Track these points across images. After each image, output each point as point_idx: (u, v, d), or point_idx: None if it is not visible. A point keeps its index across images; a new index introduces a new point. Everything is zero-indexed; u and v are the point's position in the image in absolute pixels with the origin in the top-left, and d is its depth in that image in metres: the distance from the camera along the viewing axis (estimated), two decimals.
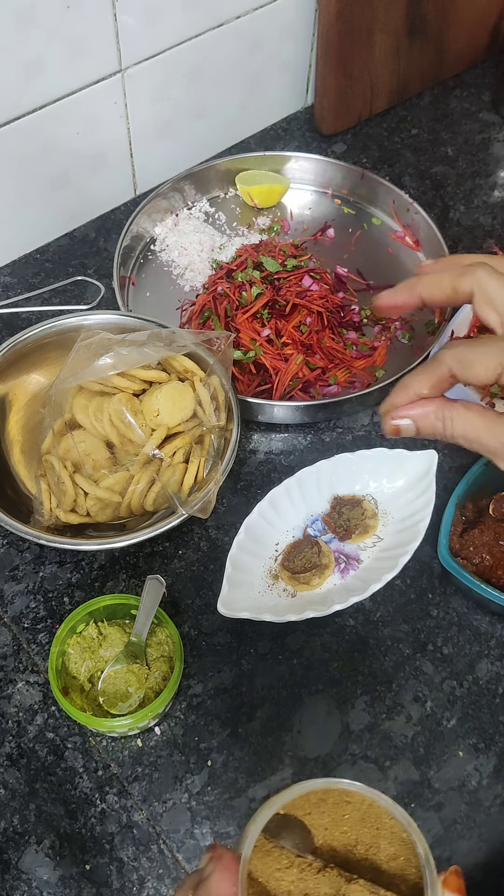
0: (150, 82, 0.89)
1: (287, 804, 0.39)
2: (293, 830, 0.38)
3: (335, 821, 0.39)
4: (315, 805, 0.39)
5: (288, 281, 0.85)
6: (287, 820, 0.39)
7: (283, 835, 0.38)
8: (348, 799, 0.39)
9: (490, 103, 1.11)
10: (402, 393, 0.47)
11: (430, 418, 0.46)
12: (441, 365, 0.46)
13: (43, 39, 0.77)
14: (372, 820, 0.39)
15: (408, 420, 0.47)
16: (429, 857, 0.37)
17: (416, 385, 0.47)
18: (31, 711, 0.66)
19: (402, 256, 0.95)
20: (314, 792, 0.40)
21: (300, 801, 0.39)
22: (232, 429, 0.73)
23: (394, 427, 0.48)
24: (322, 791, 0.40)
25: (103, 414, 0.70)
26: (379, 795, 0.39)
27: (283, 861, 0.37)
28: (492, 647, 0.70)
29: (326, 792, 0.40)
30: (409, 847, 0.37)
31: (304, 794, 0.39)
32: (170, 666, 0.66)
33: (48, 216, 0.93)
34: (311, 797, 0.39)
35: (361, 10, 0.94)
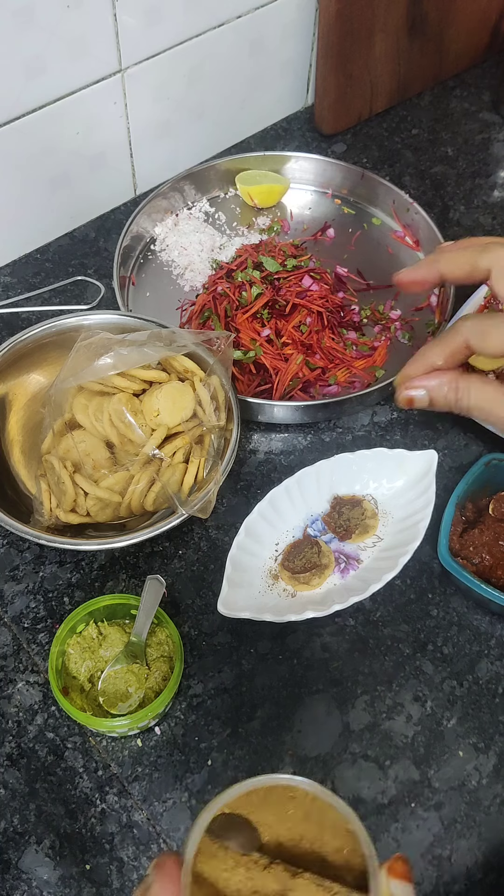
0: (150, 82, 0.89)
1: (230, 803, 0.39)
2: (239, 830, 0.38)
3: (280, 817, 0.39)
4: (259, 803, 0.39)
5: (288, 281, 0.85)
6: (232, 819, 0.38)
7: (228, 835, 0.38)
8: (292, 794, 0.39)
9: (490, 103, 1.11)
10: (417, 363, 0.48)
11: (444, 389, 0.47)
12: (458, 334, 0.46)
13: (43, 39, 0.77)
14: (316, 814, 0.39)
15: (422, 391, 0.47)
16: (370, 846, 0.37)
17: (431, 355, 0.47)
18: (31, 711, 0.67)
19: (402, 256, 0.95)
20: (257, 790, 0.39)
21: (244, 800, 0.39)
22: (232, 429, 0.73)
23: (407, 398, 0.48)
24: (265, 788, 0.39)
25: (103, 414, 0.70)
26: (321, 790, 0.39)
27: (229, 861, 0.37)
28: (492, 647, 0.70)
29: (270, 789, 0.39)
30: (353, 838, 0.37)
31: (247, 792, 0.39)
32: (170, 666, 0.66)
33: (48, 216, 0.93)
34: (254, 795, 0.39)
35: (361, 10, 0.94)
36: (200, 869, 0.37)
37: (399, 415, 0.83)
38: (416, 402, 0.48)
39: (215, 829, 0.38)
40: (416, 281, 0.50)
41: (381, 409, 0.84)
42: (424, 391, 0.47)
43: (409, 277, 0.50)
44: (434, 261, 0.49)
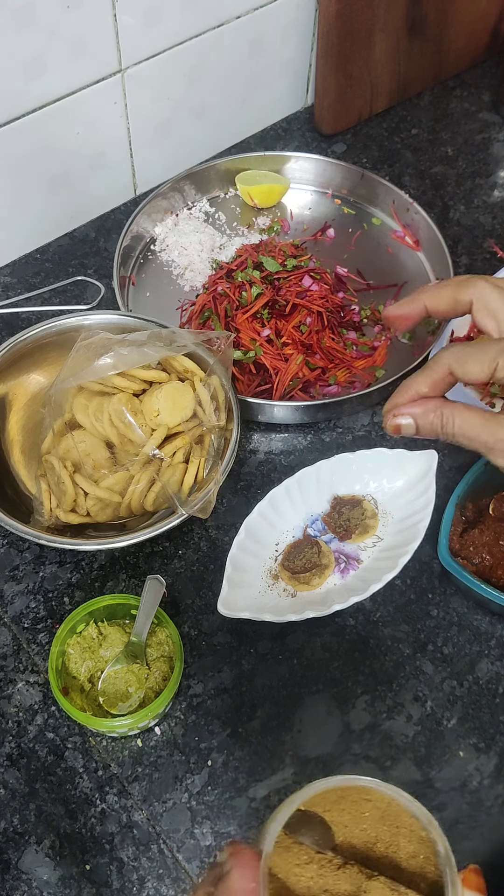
0: (150, 82, 0.89)
1: (307, 801, 0.39)
2: (313, 827, 0.38)
3: (355, 818, 0.39)
4: (335, 802, 0.39)
5: (288, 281, 0.84)
6: (307, 817, 0.39)
7: (303, 831, 0.38)
8: (368, 797, 0.40)
9: (490, 103, 1.11)
10: (404, 393, 0.50)
11: (430, 416, 0.48)
12: (440, 364, 0.48)
13: (43, 39, 0.77)
14: (392, 818, 0.39)
15: (408, 418, 0.49)
16: (449, 855, 0.37)
17: (416, 384, 0.49)
18: (31, 711, 0.66)
19: (402, 256, 0.95)
20: (334, 789, 0.40)
21: (320, 799, 0.39)
22: (232, 429, 0.73)
23: (395, 425, 0.50)
24: (342, 788, 0.40)
25: (103, 414, 0.70)
26: (399, 793, 0.39)
27: (302, 857, 0.37)
28: (492, 647, 0.70)
29: (346, 789, 0.40)
30: (428, 845, 0.38)
31: (324, 791, 0.39)
32: (170, 666, 0.66)
33: (48, 216, 0.93)
34: (330, 795, 0.39)
35: (361, 10, 0.94)
36: (273, 861, 0.37)
37: None
38: (404, 429, 0.50)
39: (292, 824, 0.38)
40: (402, 316, 0.53)
41: (381, 409, 0.83)
42: (410, 419, 0.49)
43: (396, 313, 0.53)
44: (418, 295, 0.52)
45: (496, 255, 0.96)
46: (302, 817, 0.39)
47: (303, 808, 0.39)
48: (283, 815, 0.38)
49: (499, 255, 0.96)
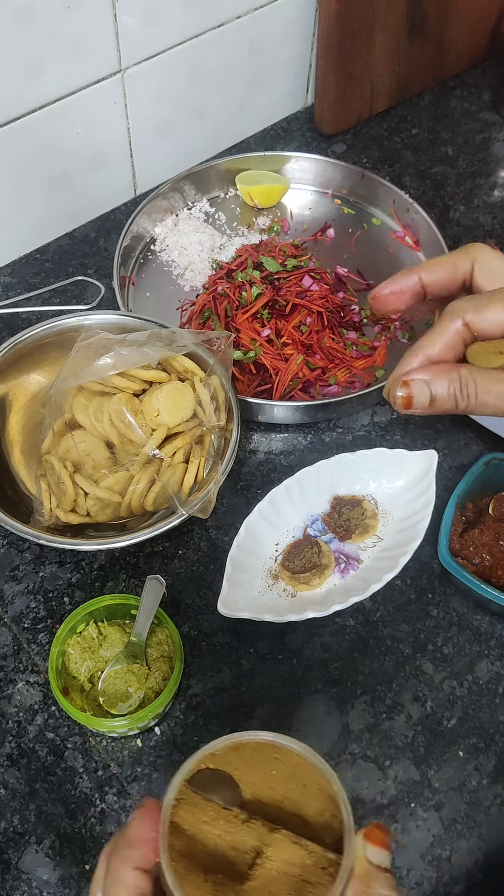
0: (150, 82, 0.89)
1: (217, 758, 0.40)
2: (222, 785, 0.39)
3: (264, 776, 0.40)
4: (244, 761, 0.40)
5: (288, 281, 0.85)
6: (216, 775, 0.40)
7: (211, 789, 0.39)
8: (277, 755, 0.40)
9: (490, 103, 1.11)
10: (411, 358, 0.42)
11: (445, 381, 0.41)
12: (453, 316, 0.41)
13: (43, 39, 0.77)
14: (300, 776, 0.40)
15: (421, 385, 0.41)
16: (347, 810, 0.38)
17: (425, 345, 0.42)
18: (31, 711, 0.67)
19: (402, 256, 0.95)
20: (243, 747, 0.40)
21: (229, 757, 0.40)
22: (232, 429, 0.73)
23: (405, 396, 0.42)
24: (251, 746, 0.40)
25: (103, 414, 0.70)
26: (307, 751, 0.40)
27: (209, 813, 0.38)
28: (492, 647, 0.70)
29: (256, 747, 0.40)
30: (334, 803, 0.39)
31: (232, 746, 0.40)
32: (170, 666, 0.66)
33: (48, 216, 0.93)
34: (240, 753, 0.40)
35: (361, 10, 0.94)
36: (181, 818, 0.38)
37: (399, 415, 0.83)
38: (416, 399, 0.42)
39: (199, 781, 0.39)
40: (395, 291, 0.46)
41: (381, 409, 0.84)
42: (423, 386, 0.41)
43: (386, 290, 0.46)
44: (411, 269, 0.46)
45: None
46: (211, 776, 0.40)
47: (212, 766, 0.40)
48: (185, 768, 0.39)
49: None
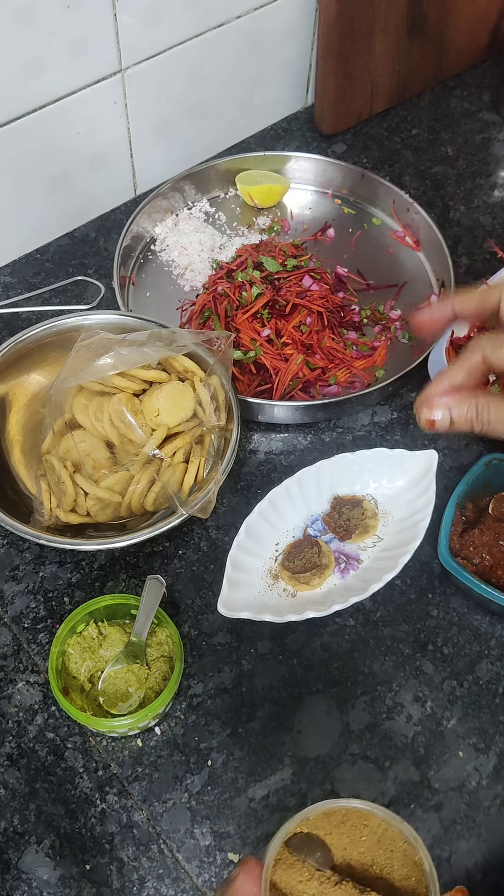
0: (150, 82, 0.89)
1: (311, 823, 0.43)
2: (315, 848, 0.43)
3: (353, 841, 0.43)
4: (335, 825, 0.43)
5: (288, 281, 0.85)
6: (310, 838, 0.43)
7: (305, 851, 0.42)
8: (366, 822, 0.43)
9: (490, 103, 1.11)
10: (437, 383, 0.50)
11: (463, 407, 0.48)
12: (474, 351, 0.49)
13: (43, 39, 0.77)
14: (387, 842, 0.43)
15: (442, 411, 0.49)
16: (433, 873, 0.41)
17: (450, 373, 0.50)
18: (31, 711, 0.67)
19: (403, 256, 0.95)
20: (336, 813, 0.44)
21: (322, 821, 0.43)
22: (232, 429, 0.73)
23: (428, 420, 0.49)
24: (343, 812, 0.44)
25: (103, 414, 0.70)
26: (395, 819, 0.43)
27: (304, 874, 0.41)
28: (492, 647, 0.70)
29: (347, 813, 0.44)
30: (419, 869, 0.42)
31: (326, 813, 0.43)
32: (170, 666, 0.66)
33: (48, 216, 0.93)
34: (332, 818, 0.43)
35: (361, 10, 0.94)
36: (278, 877, 0.41)
37: (399, 415, 0.83)
38: (438, 423, 0.49)
39: (294, 843, 0.43)
40: (434, 320, 0.55)
41: (381, 409, 0.84)
42: (444, 410, 0.49)
43: (428, 318, 0.55)
44: (445, 301, 0.55)
45: (496, 255, 0.96)
46: (305, 839, 0.43)
47: (306, 829, 0.43)
48: (283, 831, 0.43)
49: (499, 255, 0.96)
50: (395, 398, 0.84)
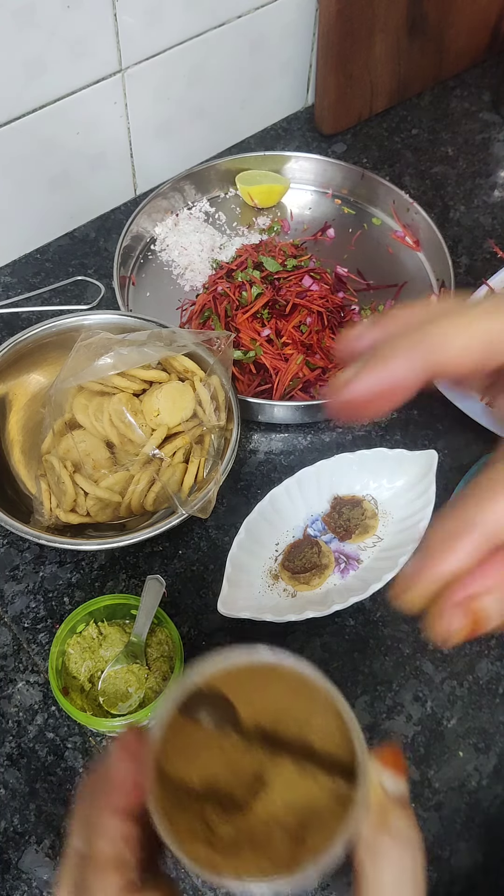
0: (150, 82, 0.89)
1: (209, 679, 0.34)
2: (214, 707, 0.34)
3: (263, 698, 0.35)
4: (241, 680, 0.34)
5: (288, 281, 0.85)
6: (207, 695, 0.34)
7: (201, 710, 0.34)
8: (279, 675, 0.35)
9: (490, 103, 1.11)
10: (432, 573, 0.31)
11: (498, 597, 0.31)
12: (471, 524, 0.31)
13: (43, 39, 0.77)
14: (304, 699, 0.34)
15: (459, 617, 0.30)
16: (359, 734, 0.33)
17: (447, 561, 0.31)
18: (31, 711, 0.67)
19: (403, 256, 0.95)
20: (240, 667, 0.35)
21: (224, 676, 0.34)
22: (232, 429, 0.73)
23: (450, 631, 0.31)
24: (249, 666, 0.35)
25: (103, 414, 0.70)
26: (311, 672, 0.35)
27: (200, 739, 0.33)
28: (492, 647, 0.70)
29: (254, 667, 0.35)
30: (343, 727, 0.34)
31: (228, 667, 0.34)
32: (170, 666, 0.66)
33: (48, 216, 0.93)
34: (235, 672, 0.34)
35: (361, 10, 0.94)
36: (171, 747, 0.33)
37: (399, 415, 0.83)
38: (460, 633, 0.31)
39: (189, 704, 0.34)
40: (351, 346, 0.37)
41: None
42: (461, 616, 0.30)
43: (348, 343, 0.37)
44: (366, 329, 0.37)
45: (496, 255, 0.96)
46: (201, 696, 0.34)
47: (204, 686, 0.34)
48: (175, 693, 0.33)
49: (499, 255, 0.96)
50: None
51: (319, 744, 0.34)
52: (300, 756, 0.34)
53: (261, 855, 0.32)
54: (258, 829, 0.33)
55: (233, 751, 0.34)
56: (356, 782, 0.32)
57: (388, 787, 0.33)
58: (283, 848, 0.32)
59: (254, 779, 0.33)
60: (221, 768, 0.34)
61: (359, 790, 0.32)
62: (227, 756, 0.34)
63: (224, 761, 0.34)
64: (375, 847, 0.32)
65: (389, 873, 0.32)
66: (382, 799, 0.33)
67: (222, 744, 0.34)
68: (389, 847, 0.32)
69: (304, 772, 0.33)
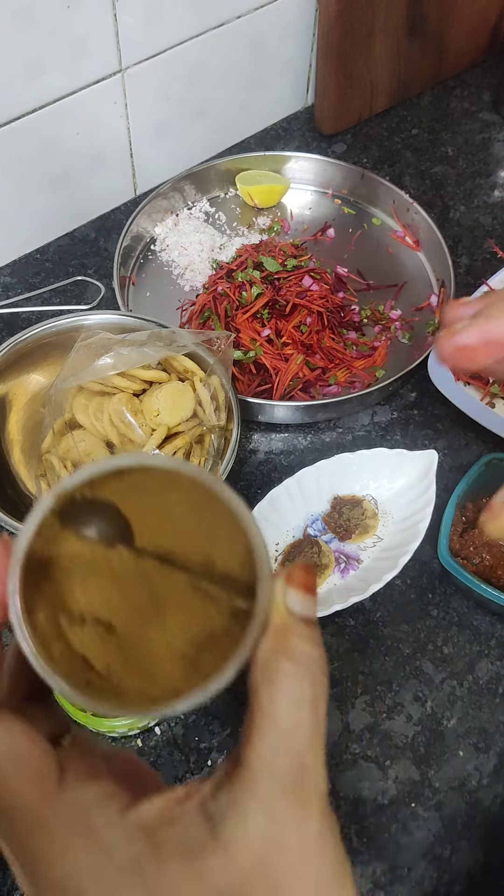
0: (150, 82, 0.89)
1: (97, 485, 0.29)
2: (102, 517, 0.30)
3: (157, 508, 0.31)
4: (132, 489, 0.30)
5: (288, 281, 0.85)
6: (94, 504, 0.30)
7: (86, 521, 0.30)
8: (176, 483, 0.30)
9: (490, 103, 1.11)
10: None
11: None
12: None
13: (43, 39, 0.77)
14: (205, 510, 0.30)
15: None
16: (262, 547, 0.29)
17: None
18: None
19: (403, 256, 0.95)
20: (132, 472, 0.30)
21: (114, 483, 0.30)
22: (232, 429, 0.73)
23: None
24: (141, 471, 0.30)
25: (103, 414, 0.70)
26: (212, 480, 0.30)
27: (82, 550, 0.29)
28: (492, 647, 0.70)
29: (147, 472, 0.30)
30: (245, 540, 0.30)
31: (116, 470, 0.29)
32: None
33: (48, 216, 0.93)
34: (127, 478, 0.30)
35: (361, 10, 0.94)
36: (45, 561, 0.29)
37: (399, 415, 0.83)
38: None
39: (72, 513, 0.29)
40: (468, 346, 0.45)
41: (381, 409, 0.84)
42: None
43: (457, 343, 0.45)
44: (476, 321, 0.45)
45: (496, 255, 0.96)
46: (87, 506, 0.30)
47: (89, 494, 0.29)
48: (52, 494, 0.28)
49: (499, 255, 0.96)
50: (395, 398, 0.84)
51: (220, 562, 0.30)
52: (198, 575, 0.30)
53: (149, 682, 0.29)
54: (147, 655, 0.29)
55: (122, 568, 0.30)
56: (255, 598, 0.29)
57: (293, 606, 0.29)
58: (175, 673, 0.29)
59: (145, 599, 0.29)
60: (107, 585, 0.29)
61: (257, 605, 0.28)
62: (114, 574, 0.30)
63: (110, 580, 0.29)
64: (272, 671, 0.28)
65: (285, 701, 0.27)
66: (286, 618, 0.29)
67: (109, 560, 0.30)
68: (288, 671, 0.28)
69: (200, 591, 0.30)
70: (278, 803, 0.26)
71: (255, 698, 0.28)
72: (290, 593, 0.29)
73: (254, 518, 0.30)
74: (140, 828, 0.26)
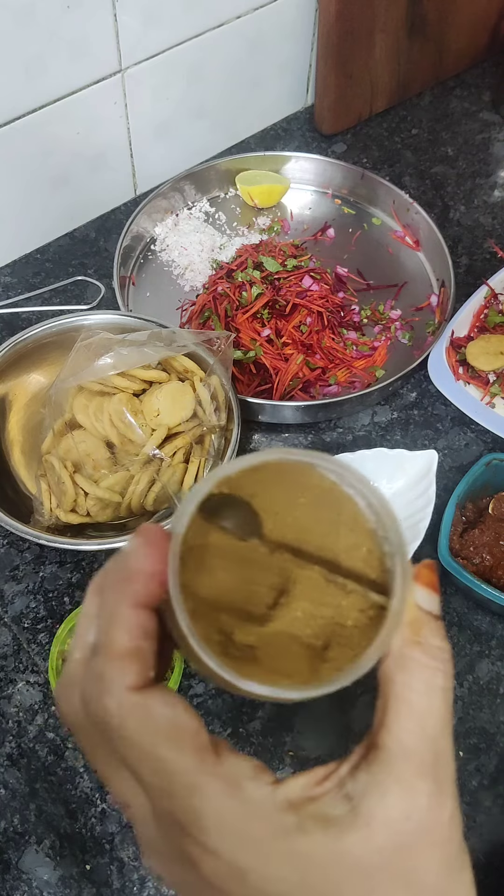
0: (150, 82, 0.89)
1: (232, 482, 0.32)
2: (238, 513, 0.32)
3: (288, 504, 0.32)
4: (265, 486, 0.32)
5: (288, 281, 0.85)
6: (230, 501, 0.32)
7: (224, 516, 0.32)
8: (305, 480, 0.32)
9: (490, 103, 1.11)
10: None
11: None
12: None
13: (43, 39, 0.77)
14: (331, 505, 0.32)
15: None
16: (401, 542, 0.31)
17: None
18: (31, 711, 0.66)
19: (403, 256, 0.95)
20: (265, 468, 0.32)
21: (247, 479, 0.32)
22: (232, 429, 0.73)
23: None
24: (275, 467, 0.32)
25: (103, 414, 0.70)
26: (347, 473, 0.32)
27: (224, 545, 0.31)
28: (492, 647, 0.70)
29: (280, 469, 0.32)
30: (373, 538, 0.32)
31: (252, 468, 0.32)
32: (170, 668, 0.66)
33: (48, 216, 0.93)
34: (260, 476, 0.32)
35: (361, 10, 0.94)
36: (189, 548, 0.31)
37: (399, 415, 0.83)
38: None
39: (211, 508, 0.31)
40: None
41: (381, 409, 0.84)
42: None
43: None
44: None
45: (496, 255, 0.96)
46: (223, 501, 0.32)
47: (227, 490, 0.32)
48: (198, 493, 0.31)
49: (499, 255, 0.96)
50: (395, 398, 0.84)
51: (346, 555, 0.32)
52: (328, 567, 0.31)
53: (278, 669, 0.30)
54: (278, 642, 0.31)
55: (257, 560, 0.31)
56: (391, 593, 0.30)
57: (423, 603, 0.31)
58: (304, 663, 0.31)
59: (278, 591, 0.31)
60: (244, 577, 0.31)
61: (394, 600, 0.30)
62: (250, 565, 0.31)
63: (247, 570, 0.31)
64: (407, 660, 0.30)
65: (420, 688, 0.29)
66: (417, 613, 0.31)
67: (245, 552, 0.31)
68: (422, 661, 0.30)
69: (333, 582, 0.31)
70: (416, 784, 0.28)
71: (389, 686, 0.30)
72: (419, 590, 0.31)
73: (390, 510, 0.31)
74: (287, 801, 0.28)
